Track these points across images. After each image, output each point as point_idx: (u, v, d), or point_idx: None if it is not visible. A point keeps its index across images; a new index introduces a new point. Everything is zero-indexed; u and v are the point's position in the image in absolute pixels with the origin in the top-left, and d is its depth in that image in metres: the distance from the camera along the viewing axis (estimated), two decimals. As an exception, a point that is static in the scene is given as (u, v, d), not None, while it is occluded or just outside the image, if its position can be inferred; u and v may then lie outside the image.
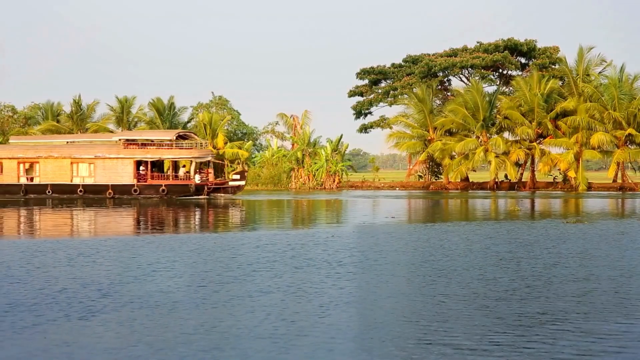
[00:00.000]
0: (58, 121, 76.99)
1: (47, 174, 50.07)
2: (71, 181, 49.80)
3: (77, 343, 9.20)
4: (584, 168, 62.23)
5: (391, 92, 74.59)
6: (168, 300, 11.85)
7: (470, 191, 62.58)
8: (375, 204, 43.01)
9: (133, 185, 49.07)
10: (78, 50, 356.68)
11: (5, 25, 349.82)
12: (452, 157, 64.72)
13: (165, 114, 70.72)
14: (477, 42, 72.95)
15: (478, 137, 64.34)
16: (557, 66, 68.37)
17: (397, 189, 67.26)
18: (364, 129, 77.84)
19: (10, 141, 55.25)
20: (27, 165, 50.87)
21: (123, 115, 74.57)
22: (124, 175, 49.25)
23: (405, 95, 70.34)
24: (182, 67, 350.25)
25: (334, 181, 68.45)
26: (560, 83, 65.17)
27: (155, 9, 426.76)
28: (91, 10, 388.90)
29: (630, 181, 63.16)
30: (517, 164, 64.11)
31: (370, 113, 77.94)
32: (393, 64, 75.93)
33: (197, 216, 33.81)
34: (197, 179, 49.45)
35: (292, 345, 9.13)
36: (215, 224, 29.36)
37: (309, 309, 11.17)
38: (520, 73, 71.62)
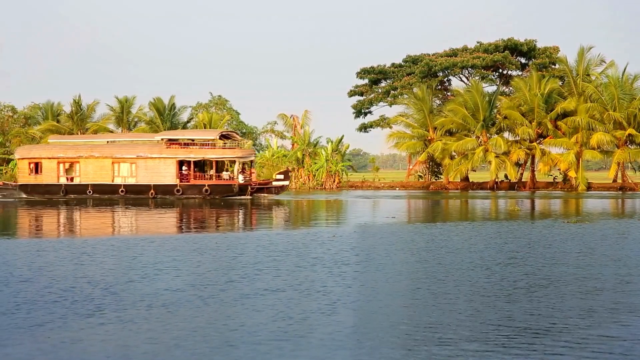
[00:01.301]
0: (58, 121, 77.00)
1: (87, 174, 49.44)
2: (112, 181, 49.20)
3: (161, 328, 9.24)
4: (583, 168, 62.26)
5: (391, 91, 74.66)
6: (166, 300, 11.88)
7: (470, 191, 62.60)
8: (376, 204, 43.02)
9: (175, 185, 48.39)
10: (78, 50, 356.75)
11: (5, 25, 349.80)
12: (452, 157, 64.75)
13: (165, 114, 70.72)
14: (477, 42, 73.06)
15: (478, 137, 64.37)
16: (557, 66, 68.41)
17: (397, 189, 67.27)
18: (364, 128, 77.93)
19: (49, 141, 54.53)
20: (67, 165, 50.22)
21: (123, 115, 74.58)
22: (167, 175, 48.58)
23: (405, 95, 70.37)
24: (182, 67, 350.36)
25: (334, 181, 68.48)
26: (560, 83, 65.19)
27: (155, 9, 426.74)
28: (91, 10, 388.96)
29: (630, 181, 63.18)
30: (517, 164, 64.15)
31: (370, 112, 78.08)
32: (393, 64, 76.01)
33: (232, 216, 33.78)
34: (240, 179, 48.83)
35: (299, 342, 9.15)
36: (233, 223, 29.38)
37: (313, 308, 11.18)
38: (520, 73, 71.68)
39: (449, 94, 73.19)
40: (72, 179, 49.92)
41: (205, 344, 9.17)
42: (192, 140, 50.98)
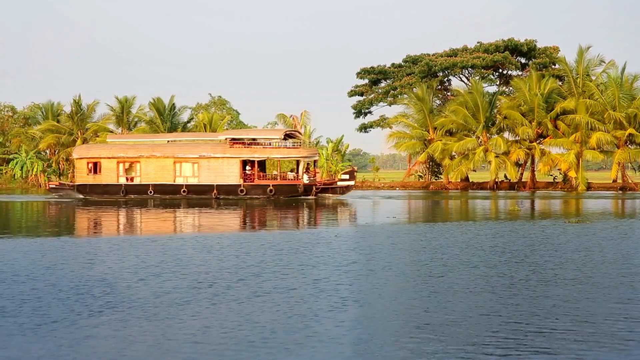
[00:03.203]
0: (58, 121, 77.06)
1: (148, 173, 48.75)
2: (174, 181, 48.55)
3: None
4: (583, 168, 62.26)
5: (391, 91, 74.71)
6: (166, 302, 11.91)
7: (470, 191, 62.61)
8: (376, 204, 43.04)
9: (239, 185, 47.73)
10: (78, 50, 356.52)
11: (5, 25, 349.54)
12: (452, 157, 64.77)
13: (165, 114, 70.75)
14: (477, 42, 73.07)
15: (478, 137, 64.39)
16: (557, 66, 68.44)
17: (397, 189, 67.28)
18: (364, 128, 77.99)
19: (107, 140, 53.99)
20: (126, 165, 49.58)
21: (123, 115, 74.64)
22: (230, 175, 47.91)
23: (405, 95, 70.39)
24: (182, 67, 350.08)
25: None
26: (559, 83, 65.20)
27: (155, 8, 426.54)
28: (91, 10, 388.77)
29: (630, 181, 63.20)
30: (517, 164, 64.17)
31: (370, 112, 78.16)
32: (393, 64, 76.06)
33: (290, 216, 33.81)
34: (305, 179, 48.24)
35: (301, 342, 9.18)
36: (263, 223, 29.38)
37: (316, 307, 11.22)
38: (520, 73, 71.71)
39: (449, 94, 73.21)
40: (132, 179, 49.20)
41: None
42: (253, 139, 50.07)
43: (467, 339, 9.43)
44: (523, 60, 72.41)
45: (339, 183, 49.00)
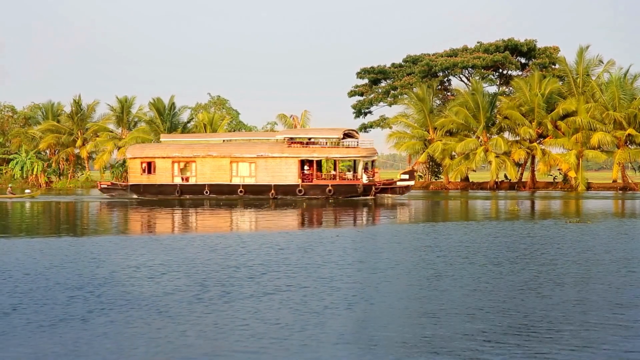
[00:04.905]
0: (58, 121, 77.07)
1: (204, 173, 48.19)
2: (230, 181, 47.96)
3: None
4: (583, 168, 62.24)
5: (391, 91, 74.67)
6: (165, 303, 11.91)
7: (470, 191, 62.62)
8: (376, 204, 43.00)
9: (297, 185, 47.07)
10: (78, 50, 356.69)
11: (5, 25, 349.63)
12: (452, 157, 64.76)
13: (165, 114, 70.75)
14: (478, 42, 73.03)
15: (478, 138, 64.38)
16: (557, 66, 68.44)
17: (397, 189, 67.14)
18: (364, 128, 77.93)
19: (161, 140, 53.32)
20: (181, 165, 49.02)
21: (123, 115, 74.64)
22: (288, 175, 47.25)
23: (405, 95, 70.36)
24: (182, 67, 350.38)
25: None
26: (559, 83, 65.16)
27: (155, 8, 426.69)
28: (91, 10, 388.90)
29: (630, 181, 63.20)
30: (517, 164, 64.16)
31: (370, 112, 78.15)
32: (393, 64, 76.02)
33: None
34: (364, 179, 47.66)
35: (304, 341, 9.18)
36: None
37: (318, 307, 11.21)
38: (520, 73, 71.71)
39: (449, 94, 73.19)
40: (187, 179, 48.70)
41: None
42: (308, 138, 49.53)
43: (468, 338, 9.42)
44: (523, 60, 72.39)
45: (398, 183, 48.22)
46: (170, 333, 9.78)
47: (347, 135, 50.72)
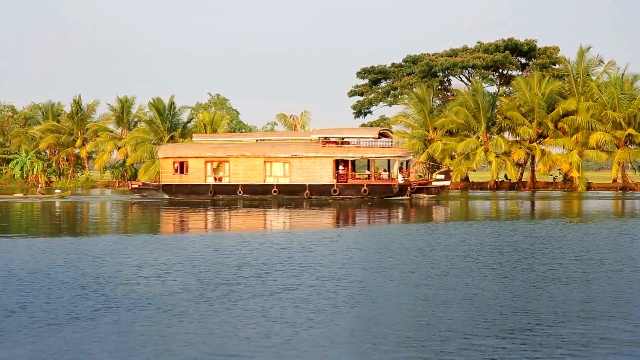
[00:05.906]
0: (58, 121, 77.13)
1: (237, 173, 47.71)
2: (264, 181, 47.49)
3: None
4: (583, 168, 62.26)
5: (391, 91, 74.69)
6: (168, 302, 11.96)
7: (470, 191, 62.64)
8: (375, 204, 43.03)
9: (332, 185, 46.62)
10: (78, 50, 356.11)
11: (5, 25, 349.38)
12: (452, 157, 64.78)
13: (165, 114, 70.77)
14: (478, 42, 73.05)
15: (479, 138, 64.40)
16: (557, 66, 68.47)
17: (397, 189, 67.17)
18: (364, 128, 78.03)
19: (193, 139, 53.06)
20: (214, 165, 48.64)
21: (123, 115, 74.67)
22: (323, 175, 46.80)
23: (405, 95, 70.38)
24: (182, 67, 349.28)
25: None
26: (560, 82, 65.17)
27: (155, 8, 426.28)
28: (91, 10, 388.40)
29: (630, 181, 63.23)
30: (517, 164, 64.18)
31: (370, 112, 78.20)
32: (393, 64, 76.04)
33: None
34: (400, 179, 47.34)
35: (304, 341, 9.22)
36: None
37: (320, 307, 11.25)
38: (520, 73, 71.73)
39: (449, 94, 73.20)
40: (220, 179, 48.28)
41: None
42: (341, 138, 49.06)
43: (470, 338, 9.45)
44: (523, 60, 72.42)
45: (434, 183, 47.92)
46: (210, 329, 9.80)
47: (382, 135, 50.41)
